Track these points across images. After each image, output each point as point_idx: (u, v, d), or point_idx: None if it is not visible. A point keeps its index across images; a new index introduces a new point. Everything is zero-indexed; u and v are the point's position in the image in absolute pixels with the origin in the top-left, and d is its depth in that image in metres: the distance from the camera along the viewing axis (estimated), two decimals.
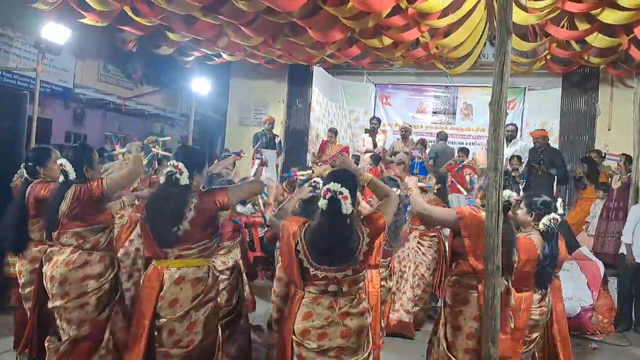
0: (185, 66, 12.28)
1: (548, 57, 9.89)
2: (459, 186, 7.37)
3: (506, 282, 3.99)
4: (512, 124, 10.89)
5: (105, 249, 4.29)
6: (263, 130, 11.63)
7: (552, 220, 4.45)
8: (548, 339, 4.97)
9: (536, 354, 4.91)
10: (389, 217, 3.62)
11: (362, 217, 3.56)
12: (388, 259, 5.25)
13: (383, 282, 5.01)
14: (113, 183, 4.26)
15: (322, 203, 3.35)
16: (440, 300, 5.38)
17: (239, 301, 5.14)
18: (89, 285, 4.13)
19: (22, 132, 8.13)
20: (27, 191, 4.65)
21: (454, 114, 14.14)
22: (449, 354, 3.94)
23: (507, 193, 4.01)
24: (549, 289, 4.71)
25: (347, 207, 3.31)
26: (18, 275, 4.84)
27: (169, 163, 3.84)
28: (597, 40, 8.34)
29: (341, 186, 3.31)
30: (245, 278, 5.80)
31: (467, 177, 7.24)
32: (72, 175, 4.20)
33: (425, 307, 7.24)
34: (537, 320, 4.64)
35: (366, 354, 3.43)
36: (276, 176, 11.99)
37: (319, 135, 13.65)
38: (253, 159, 11.39)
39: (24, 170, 4.81)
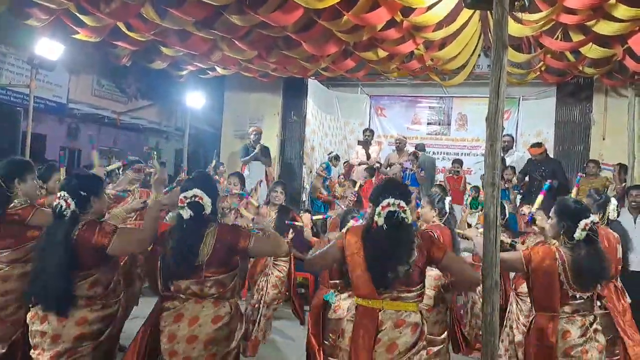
0: (179, 80, 12.26)
1: (542, 68, 9.91)
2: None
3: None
4: (508, 135, 10.89)
5: (237, 294, 3.81)
6: (250, 142, 11.55)
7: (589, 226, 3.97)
8: None
9: None
10: None
11: None
12: None
13: None
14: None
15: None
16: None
17: None
18: (233, 342, 3.63)
19: (16, 148, 8.12)
20: (76, 233, 3.55)
21: (449, 124, 14.13)
22: None
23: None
24: None
25: None
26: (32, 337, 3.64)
27: (390, 202, 3.49)
28: (592, 51, 8.35)
29: None
30: None
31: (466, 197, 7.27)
32: (209, 209, 3.63)
33: None
34: None
35: None
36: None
37: (314, 147, 13.64)
38: (242, 170, 11.36)
39: (71, 202, 3.59)
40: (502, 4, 3.81)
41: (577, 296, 3.82)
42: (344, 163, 12.49)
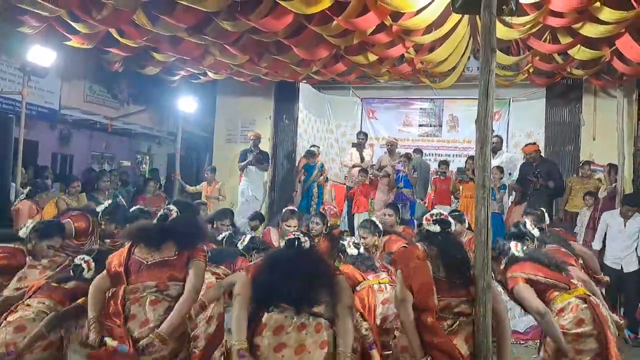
0: (171, 85, 12.28)
1: (531, 70, 9.98)
2: None
3: None
4: (496, 136, 10.94)
5: None
6: (250, 147, 11.58)
7: None
8: None
9: None
10: None
11: None
12: None
13: None
14: None
15: None
16: None
17: None
18: None
19: (8, 155, 8.12)
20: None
21: (440, 126, 14.20)
22: None
23: None
24: None
25: None
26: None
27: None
28: (580, 52, 8.40)
29: None
30: None
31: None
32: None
33: None
34: None
35: None
36: (263, 193, 11.97)
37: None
38: (240, 176, 11.44)
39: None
40: (490, 8, 3.86)
41: None
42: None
